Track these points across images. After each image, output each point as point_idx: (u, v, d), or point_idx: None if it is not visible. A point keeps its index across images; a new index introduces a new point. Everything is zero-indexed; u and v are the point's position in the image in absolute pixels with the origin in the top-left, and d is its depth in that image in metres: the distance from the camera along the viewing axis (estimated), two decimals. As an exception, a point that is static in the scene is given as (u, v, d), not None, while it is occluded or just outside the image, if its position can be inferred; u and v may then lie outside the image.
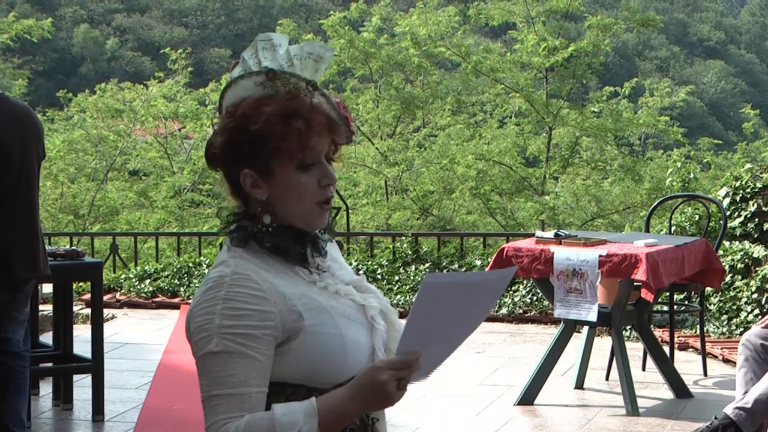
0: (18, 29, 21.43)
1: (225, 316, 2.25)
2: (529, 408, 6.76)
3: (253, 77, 2.38)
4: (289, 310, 2.28)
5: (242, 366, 2.24)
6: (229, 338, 2.24)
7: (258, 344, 2.25)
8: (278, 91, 2.35)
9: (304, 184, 2.34)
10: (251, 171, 2.34)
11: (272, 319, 2.26)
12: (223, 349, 2.24)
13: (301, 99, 2.34)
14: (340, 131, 2.39)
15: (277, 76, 2.37)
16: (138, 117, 19.75)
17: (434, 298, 2.18)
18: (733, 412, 5.71)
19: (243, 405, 2.23)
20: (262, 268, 2.31)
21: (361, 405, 2.21)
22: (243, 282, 2.27)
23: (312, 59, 2.41)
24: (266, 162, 2.33)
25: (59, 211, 19.04)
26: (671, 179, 11.24)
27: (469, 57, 19.93)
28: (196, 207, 20.27)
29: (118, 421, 6.51)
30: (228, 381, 2.23)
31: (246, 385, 2.24)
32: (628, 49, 52.21)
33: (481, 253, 10.30)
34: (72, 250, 6.53)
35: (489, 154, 19.52)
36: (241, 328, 2.24)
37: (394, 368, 2.18)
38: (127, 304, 10.10)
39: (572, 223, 18.65)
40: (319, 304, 2.32)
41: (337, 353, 2.30)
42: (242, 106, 2.34)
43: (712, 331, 8.46)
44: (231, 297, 2.26)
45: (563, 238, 6.79)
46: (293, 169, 2.34)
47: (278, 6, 51.53)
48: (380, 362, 2.20)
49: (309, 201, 2.35)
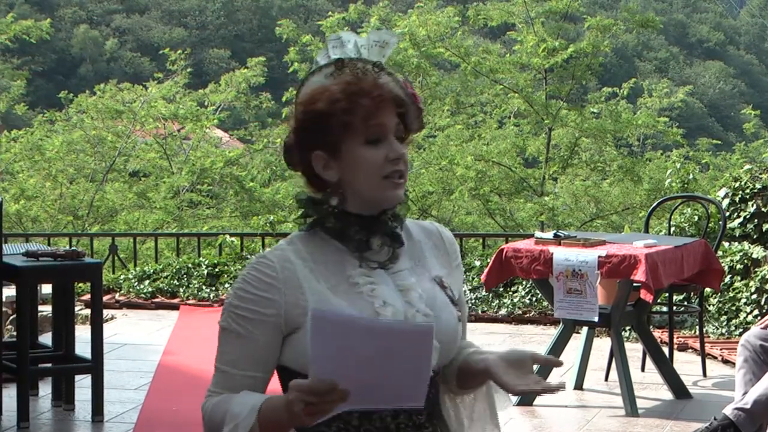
0: (17, 30, 21.41)
1: (236, 296, 2.34)
2: (529, 408, 6.76)
3: (322, 70, 2.42)
4: (297, 304, 2.32)
5: (236, 346, 2.33)
6: (233, 317, 2.33)
7: (255, 329, 2.31)
8: (344, 78, 2.38)
9: (371, 159, 2.35)
10: (321, 152, 2.36)
11: (275, 308, 2.31)
12: (226, 326, 2.34)
13: (366, 78, 2.36)
14: (409, 109, 2.40)
15: (345, 63, 2.40)
16: (137, 118, 19.74)
17: (327, 332, 2.10)
18: (732, 412, 5.71)
19: (227, 383, 2.34)
20: (300, 256, 2.35)
21: (286, 417, 2.18)
22: (261, 267, 2.34)
23: (378, 46, 2.44)
24: (334, 140, 2.35)
25: (58, 212, 19.03)
26: (670, 180, 11.24)
27: (469, 58, 19.92)
28: (194, 207, 20.26)
29: (117, 422, 6.51)
30: (223, 357, 2.35)
31: (233, 366, 2.33)
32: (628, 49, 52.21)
33: (481, 253, 10.31)
34: (72, 251, 6.53)
35: (488, 154, 19.51)
36: (244, 311, 2.32)
37: (301, 390, 2.12)
38: (126, 304, 10.10)
39: (571, 223, 18.65)
40: (329, 304, 2.32)
41: None
42: (306, 93, 2.39)
43: (712, 332, 8.46)
44: (247, 279, 2.34)
45: (562, 239, 6.79)
46: (360, 144, 2.35)
47: (277, 6, 51.52)
48: (296, 381, 2.15)
49: (377, 175, 2.35)
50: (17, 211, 18.19)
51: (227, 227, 18.16)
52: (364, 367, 2.12)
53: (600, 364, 7.54)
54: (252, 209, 19.38)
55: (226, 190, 20.62)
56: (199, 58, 43.68)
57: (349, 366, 2.12)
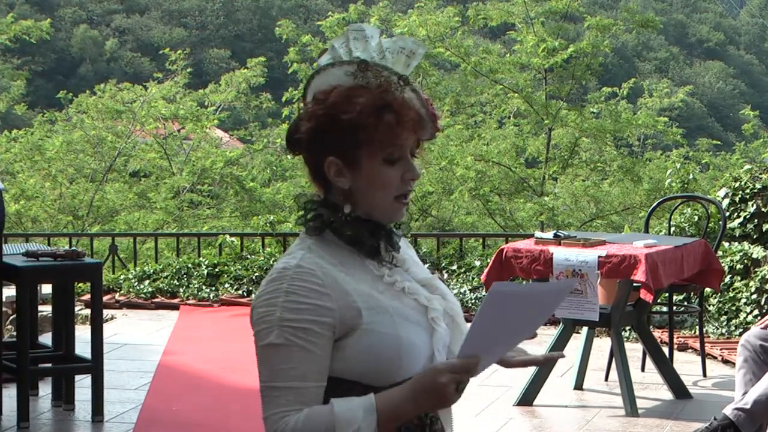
0: (17, 30, 21.41)
1: (286, 309, 2.27)
2: (529, 409, 6.76)
3: (344, 66, 2.38)
4: (349, 306, 2.29)
5: (302, 360, 2.26)
6: (290, 332, 2.26)
7: (317, 339, 2.27)
8: (369, 82, 2.35)
9: (389, 178, 2.35)
10: (337, 159, 2.34)
11: (331, 315, 2.28)
12: (283, 342, 2.26)
13: (392, 93, 2.34)
14: (427, 128, 2.40)
15: (369, 67, 2.36)
16: (137, 118, 19.75)
17: (499, 307, 2.21)
18: (732, 412, 5.71)
19: (301, 398, 2.25)
20: (328, 262, 2.33)
21: (419, 405, 2.24)
22: (305, 276, 2.29)
23: (404, 54, 2.40)
24: (354, 152, 2.33)
25: (58, 212, 19.03)
26: (670, 180, 11.24)
27: (468, 58, 19.92)
28: (195, 208, 20.26)
29: (117, 422, 6.51)
30: (288, 374, 2.26)
31: (305, 380, 2.26)
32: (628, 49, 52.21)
33: (481, 253, 10.30)
34: (72, 251, 6.53)
35: (488, 154, 19.52)
36: (302, 323, 2.26)
37: (455, 371, 2.21)
38: (126, 304, 10.10)
39: (571, 223, 18.65)
40: (380, 303, 2.32)
41: (392, 353, 2.31)
42: (333, 94, 2.34)
43: (712, 332, 8.46)
44: (292, 290, 2.28)
45: (562, 239, 6.79)
46: (380, 161, 2.34)
47: (277, 7, 51.52)
48: (441, 364, 2.23)
49: (391, 194, 2.36)
50: (17, 211, 18.19)
51: (227, 227, 18.16)
52: (505, 332, 2.27)
53: (600, 364, 7.54)
54: (252, 209, 19.38)
55: (227, 190, 20.63)
56: (199, 58, 43.69)
57: (495, 335, 2.25)
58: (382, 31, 2.45)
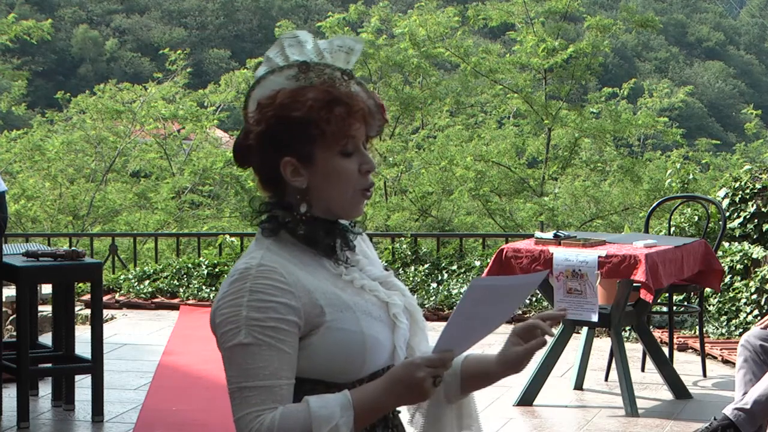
0: (17, 30, 21.41)
1: (252, 308, 2.25)
2: (529, 409, 6.76)
3: (284, 71, 2.38)
4: (313, 304, 2.29)
5: (272, 358, 2.24)
6: (258, 330, 2.24)
7: (286, 337, 2.26)
8: (312, 82, 2.35)
9: (345, 171, 2.35)
10: (292, 158, 2.34)
11: (296, 313, 2.27)
12: (252, 341, 2.24)
13: (338, 87, 2.35)
14: (374, 121, 2.40)
15: (310, 68, 2.36)
16: (137, 118, 19.75)
17: (477, 300, 2.24)
18: (732, 412, 5.71)
19: (275, 397, 2.24)
20: (288, 261, 2.32)
21: (396, 400, 2.25)
22: (269, 274, 2.28)
23: (343, 51, 2.41)
24: (308, 149, 2.33)
25: (58, 212, 19.04)
26: (670, 180, 11.24)
27: (468, 58, 19.94)
28: (195, 208, 20.27)
29: (117, 422, 6.51)
30: (259, 373, 2.24)
31: (277, 377, 2.25)
32: (627, 50, 52.24)
33: (480, 253, 10.30)
34: (72, 251, 6.53)
35: (488, 155, 19.53)
36: (269, 321, 2.25)
37: (432, 365, 2.22)
38: (126, 304, 10.10)
39: (571, 224, 18.66)
40: (342, 300, 2.32)
41: (357, 350, 2.31)
42: (279, 96, 2.34)
43: (712, 332, 8.46)
44: (257, 289, 2.26)
45: (562, 239, 6.79)
46: (335, 155, 2.34)
47: (277, 7, 51.53)
48: (418, 359, 2.23)
49: (351, 187, 2.36)
50: (17, 212, 18.19)
51: (227, 227, 18.17)
52: (480, 324, 2.29)
53: (600, 364, 7.54)
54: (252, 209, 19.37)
55: (227, 190, 20.63)
56: (199, 58, 43.70)
57: (471, 328, 2.27)
58: (314, 34, 2.46)
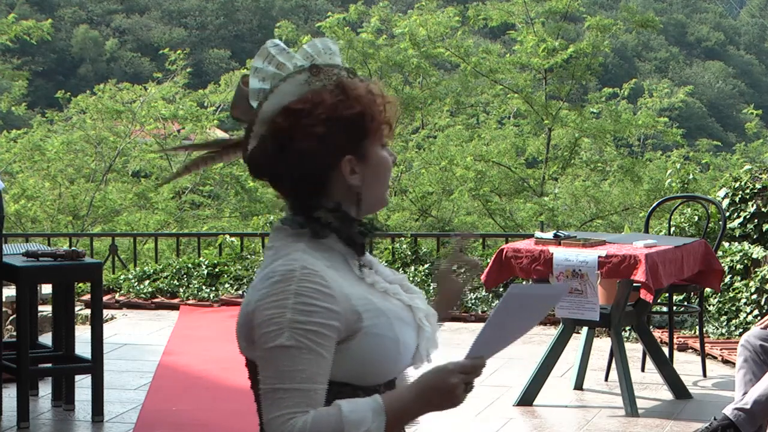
0: (17, 30, 21.41)
1: (297, 311, 2.24)
2: (529, 409, 6.75)
3: (295, 77, 2.35)
4: (352, 310, 2.28)
5: (311, 362, 2.24)
6: (301, 333, 2.24)
7: (326, 342, 2.25)
8: (326, 83, 2.34)
9: (387, 162, 2.38)
10: (352, 157, 2.33)
11: (338, 318, 2.26)
12: (294, 344, 2.23)
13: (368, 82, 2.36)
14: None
15: (321, 69, 2.35)
16: (137, 118, 19.75)
17: (512, 307, 2.23)
18: (732, 412, 5.71)
19: (309, 401, 2.23)
20: (324, 264, 2.31)
21: (428, 406, 2.24)
22: (313, 278, 2.26)
23: (328, 54, 2.40)
24: (364, 145, 2.33)
25: (58, 212, 19.04)
26: (670, 180, 11.24)
27: (469, 58, 19.94)
28: (196, 208, 20.27)
29: (117, 422, 6.51)
30: (296, 376, 2.23)
31: (313, 381, 2.24)
32: (627, 50, 52.22)
33: (480, 253, 10.30)
34: (72, 251, 6.53)
35: (488, 155, 19.53)
36: (312, 325, 2.24)
37: (464, 372, 2.22)
38: (126, 304, 10.10)
39: (571, 224, 18.66)
40: (376, 306, 2.32)
41: (392, 355, 2.31)
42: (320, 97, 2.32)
43: (712, 332, 8.46)
44: (302, 292, 2.25)
45: (562, 239, 6.78)
46: (379, 147, 2.36)
47: (278, 7, 51.52)
48: (451, 365, 2.23)
49: (388, 180, 2.39)
50: (17, 211, 18.19)
51: (227, 227, 18.17)
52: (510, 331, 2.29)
53: (600, 364, 7.54)
54: (252, 209, 19.39)
55: (227, 190, 20.63)
56: (199, 58, 43.69)
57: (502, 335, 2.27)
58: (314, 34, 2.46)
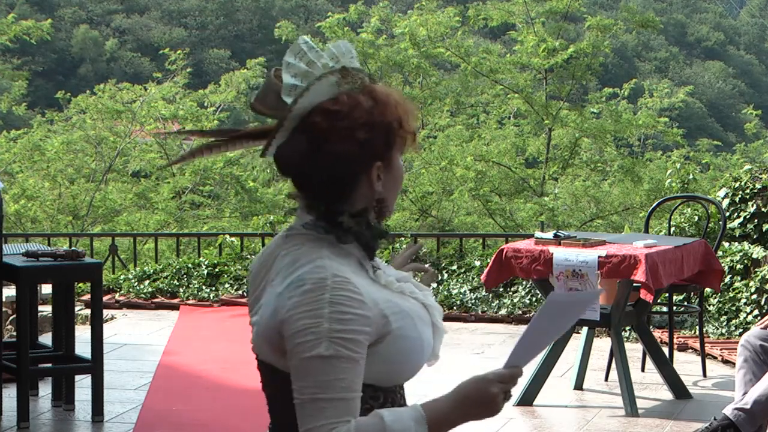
0: (17, 30, 21.41)
1: (334, 320, 2.21)
2: (529, 409, 6.76)
3: (328, 77, 2.33)
4: (380, 314, 2.28)
5: (349, 371, 2.22)
6: (339, 343, 2.21)
7: (361, 349, 2.24)
8: (353, 87, 2.33)
9: (402, 170, 2.39)
10: (381, 163, 2.33)
11: (370, 324, 2.26)
12: (333, 354, 2.21)
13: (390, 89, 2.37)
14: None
15: (349, 72, 2.34)
16: (137, 118, 19.75)
17: (550, 315, 2.24)
18: (732, 412, 5.71)
19: (349, 409, 2.22)
20: (347, 270, 2.29)
21: (466, 414, 2.25)
22: (345, 285, 2.24)
23: (350, 56, 2.39)
24: (390, 152, 2.34)
25: (58, 212, 19.03)
26: (670, 180, 11.24)
27: (469, 58, 19.94)
28: (196, 208, 20.27)
29: (117, 422, 6.51)
30: (336, 385, 2.21)
31: (352, 390, 2.23)
32: (628, 50, 52.19)
33: (480, 254, 10.30)
34: (72, 251, 6.53)
35: (488, 155, 19.53)
36: (349, 333, 2.22)
37: (504, 381, 2.23)
38: (126, 304, 10.10)
39: (571, 224, 18.65)
40: (401, 307, 2.31)
41: (417, 356, 2.32)
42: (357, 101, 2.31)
43: (712, 332, 8.46)
44: (337, 301, 2.23)
45: (562, 239, 6.79)
46: (399, 156, 2.37)
47: (277, 7, 51.51)
48: (491, 374, 2.25)
49: (400, 188, 2.41)
50: (17, 211, 18.18)
51: (227, 228, 18.17)
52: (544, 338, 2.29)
53: (600, 364, 7.54)
54: (252, 210, 19.39)
55: (227, 190, 20.63)
56: (199, 58, 43.69)
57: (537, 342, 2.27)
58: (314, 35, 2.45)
